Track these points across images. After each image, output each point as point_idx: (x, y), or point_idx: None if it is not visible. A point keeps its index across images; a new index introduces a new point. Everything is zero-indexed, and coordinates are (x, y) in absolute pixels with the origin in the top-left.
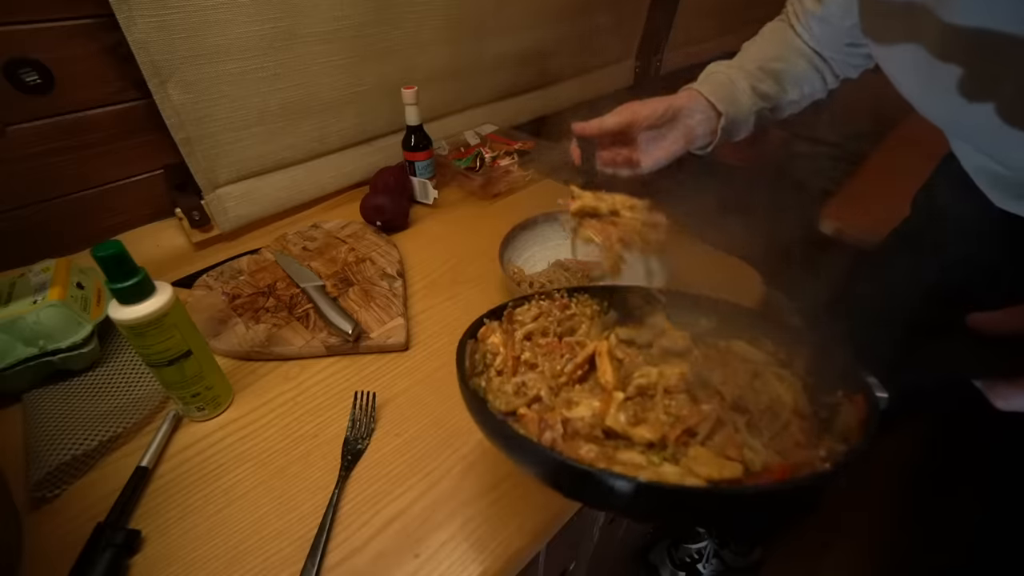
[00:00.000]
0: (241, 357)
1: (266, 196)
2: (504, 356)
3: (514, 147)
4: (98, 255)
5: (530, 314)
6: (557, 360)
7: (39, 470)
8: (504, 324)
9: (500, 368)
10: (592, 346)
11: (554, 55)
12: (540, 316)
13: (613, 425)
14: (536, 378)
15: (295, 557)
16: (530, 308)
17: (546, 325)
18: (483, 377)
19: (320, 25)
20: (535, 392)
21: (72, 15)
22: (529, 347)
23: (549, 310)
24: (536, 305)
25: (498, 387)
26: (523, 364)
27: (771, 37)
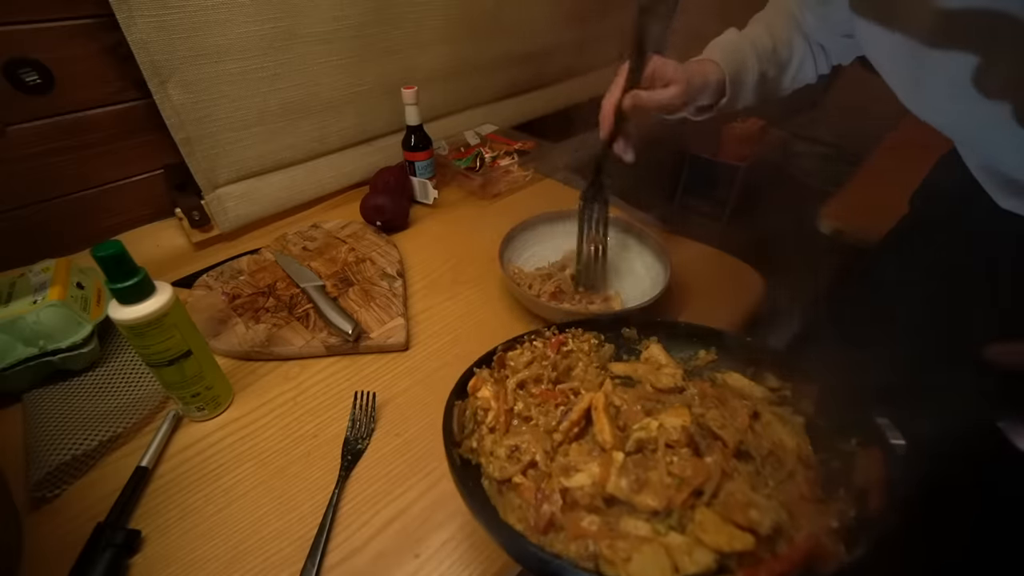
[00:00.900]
0: (241, 357)
1: (266, 196)
2: (496, 411)
3: (514, 147)
4: (98, 255)
5: (523, 359)
6: (552, 411)
7: (39, 470)
8: (495, 371)
9: (492, 425)
10: (587, 399)
11: (554, 55)
12: (534, 361)
13: (615, 493)
14: (530, 440)
15: (295, 557)
16: (522, 352)
17: (540, 372)
18: (474, 437)
19: (320, 25)
20: (530, 457)
21: (72, 15)
22: (522, 396)
23: (543, 353)
24: (530, 348)
25: (491, 449)
26: (516, 417)
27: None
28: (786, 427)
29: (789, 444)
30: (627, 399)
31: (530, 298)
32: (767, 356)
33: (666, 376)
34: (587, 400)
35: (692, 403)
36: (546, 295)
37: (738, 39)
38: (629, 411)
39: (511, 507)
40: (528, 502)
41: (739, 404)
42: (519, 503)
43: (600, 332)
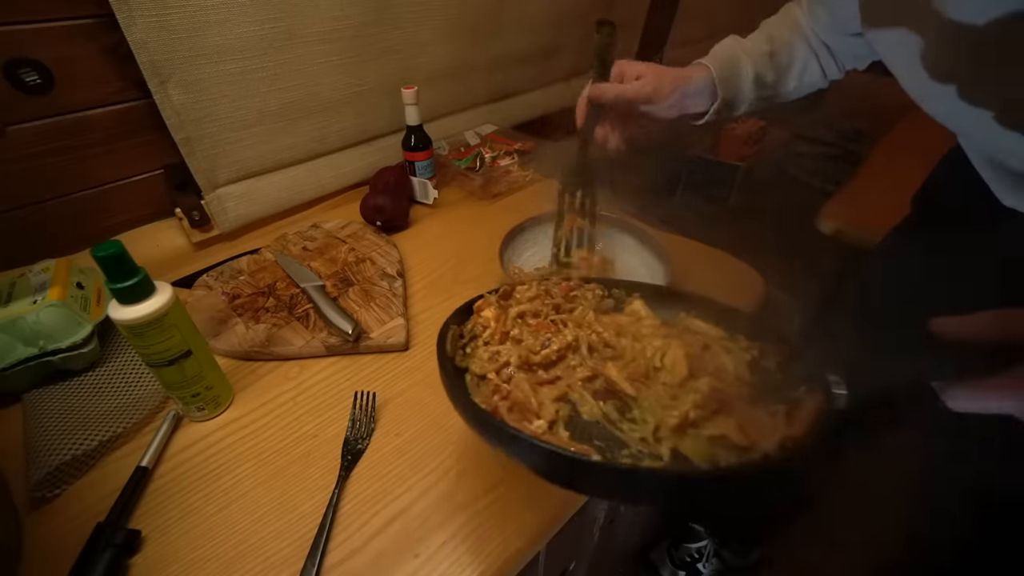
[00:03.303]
0: (241, 357)
1: (266, 196)
2: (493, 330)
3: (514, 147)
4: (98, 255)
5: (528, 294)
6: (541, 335)
7: (39, 470)
8: (500, 300)
9: (488, 339)
10: (572, 335)
11: (554, 55)
12: (537, 298)
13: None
14: (511, 350)
15: (295, 557)
16: (530, 288)
17: (540, 308)
18: (471, 344)
19: (320, 25)
20: (505, 359)
21: (72, 15)
22: (519, 324)
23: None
24: (537, 286)
25: (480, 352)
26: (510, 340)
27: (784, 19)
28: (730, 356)
29: (729, 368)
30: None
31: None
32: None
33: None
34: (572, 336)
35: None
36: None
37: (731, 43)
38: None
39: (480, 394)
40: (490, 393)
41: (693, 338)
42: (486, 392)
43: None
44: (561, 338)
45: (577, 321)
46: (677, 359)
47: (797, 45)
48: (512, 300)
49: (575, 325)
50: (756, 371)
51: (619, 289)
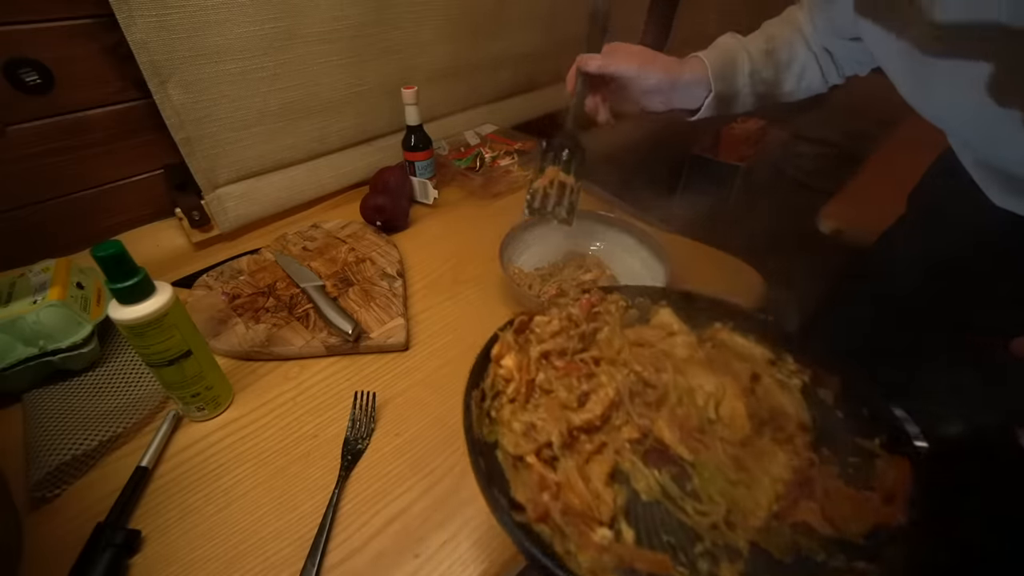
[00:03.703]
0: (241, 357)
1: (266, 196)
2: (518, 383)
3: (514, 147)
4: (98, 255)
5: (550, 328)
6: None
7: (39, 470)
8: (519, 337)
9: (513, 396)
10: (612, 387)
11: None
12: (561, 332)
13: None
14: (547, 418)
15: (295, 557)
16: (550, 319)
17: (566, 345)
18: (495, 404)
19: (320, 25)
20: (545, 438)
21: (72, 15)
22: (545, 367)
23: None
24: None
25: (509, 419)
26: (537, 388)
27: (787, 19)
28: (786, 394)
29: (789, 409)
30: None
31: (530, 298)
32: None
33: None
34: (611, 390)
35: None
36: (546, 295)
37: (729, 38)
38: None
39: (522, 483)
40: (532, 484)
41: (740, 367)
42: (529, 482)
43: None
44: (602, 396)
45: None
46: (736, 413)
47: (797, 46)
48: (531, 334)
49: (607, 362)
50: (814, 406)
51: (643, 298)
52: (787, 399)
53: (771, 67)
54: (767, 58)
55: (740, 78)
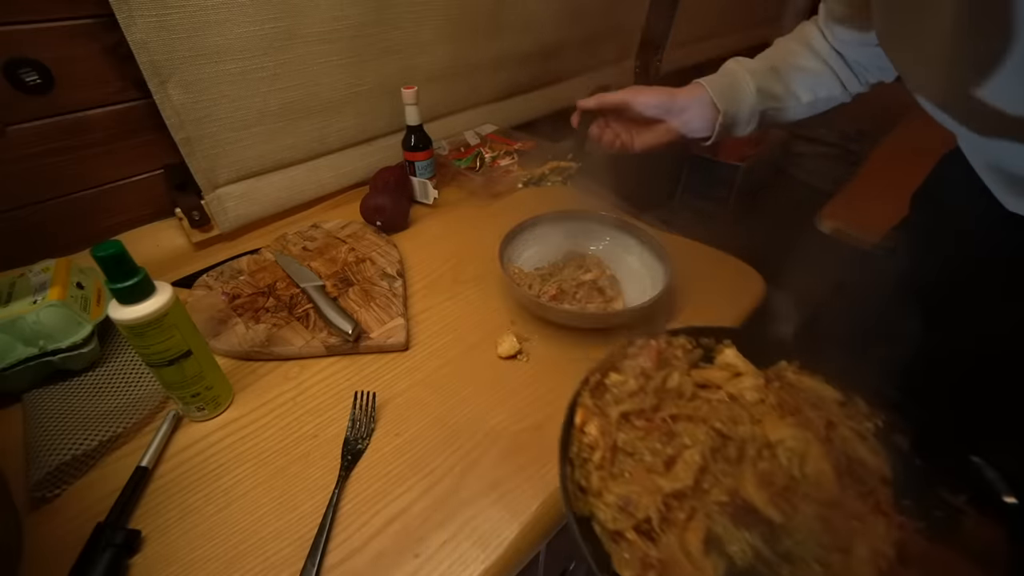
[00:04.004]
0: (241, 357)
1: (266, 196)
2: (603, 449)
3: (514, 147)
4: (98, 255)
5: (627, 388)
6: (657, 448)
7: (39, 470)
8: (592, 393)
9: (600, 463)
10: (697, 452)
11: (554, 55)
12: (639, 392)
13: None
14: (640, 492)
15: (295, 557)
16: (626, 379)
17: (643, 406)
18: (582, 471)
19: (320, 25)
20: (644, 514)
21: (72, 15)
22: (626, 427)
23: (644, 372)
24: (633, 375)
25: (599, 489)
26: (620, 451)
27: (796, 35)
28: (864, 444)
29: (870, 462)
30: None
31: (530, 298)
32: (857, 379)
33: (749, 390)
34: (697, 456)
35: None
36: (546, 295)
37: (731, 62)
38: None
39: (624, 560)
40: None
41: (814, 415)
42: (632, 560)
43: (695, 337)
44: (689, 461)
45: (685, 410)
46: (824, 475)
47: (807, 60)
48: (607, 393)
49: (684, 418)
50: (891, 453)
51: (708, 337)
52: (866, 450)
53: (779, 83)
54: (773, 75)
55: (746, 97)
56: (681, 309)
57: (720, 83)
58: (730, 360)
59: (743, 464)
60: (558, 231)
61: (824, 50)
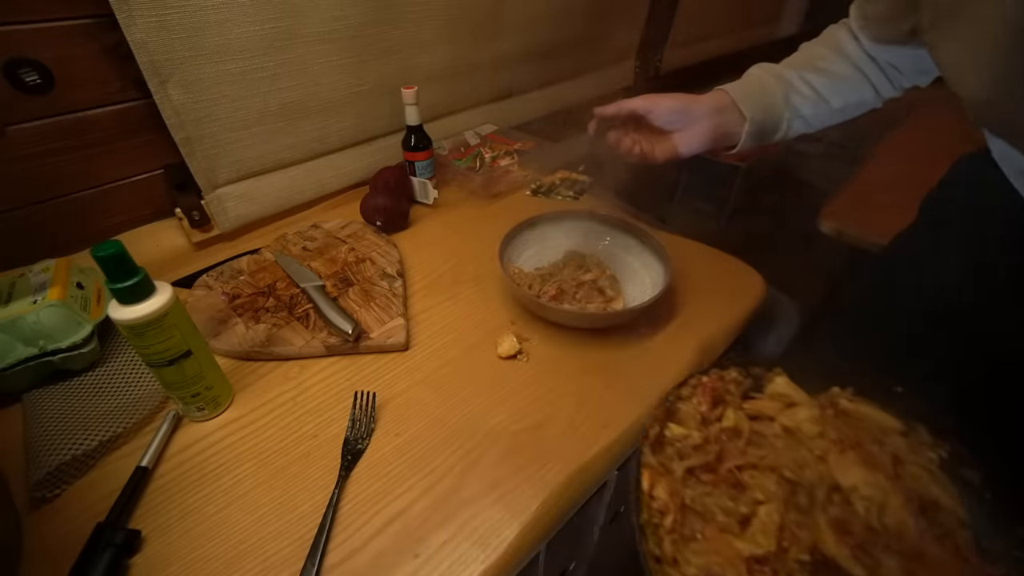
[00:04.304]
0: (241, 357)
1: (266, 196)
2: (675, 512)
3: (514, 147)
4: (98, 255)
5: (691, 441)
6: (730, 505)
7: (39, 470)
8: (653, 447)
9: (672, 527)
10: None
11: (554, 55)
12: (705, 445)
13: None
14: (721, 563)
15: (295, 557)
16: (688, 431)
17: (708, 459)
18: (654, 538)
19: (320, 25)
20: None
21: (72, 15)
22: (692, 483)
23: (707, 420)
24: (696, 427)
25: (672, 553)
26: (689, 510)
27: (825, 40)
28: (936, 482)
29: (944, 502)
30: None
31: (530, 298)
32: (919, 409)
33: (806, 422)
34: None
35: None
36: (546, 296)
37: (755, 68)
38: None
39: None
40: None
41: (878, 451)
42: None
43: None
44: (766, 521)
45: (750, 457)
46: (903, 524)
47: (838, 64)
48: (668, 447)
49: (751, 467)
50: (961, 489)
51: (758, 367)
52: (939, 490)
53: (808, 89)
54: (802, 80)
55: (774, 103)
56: (681, 309)
57: (745, 89)
58: (782, 389)
59: (814, 511)
60: (558, 231)
61: (855, 54)
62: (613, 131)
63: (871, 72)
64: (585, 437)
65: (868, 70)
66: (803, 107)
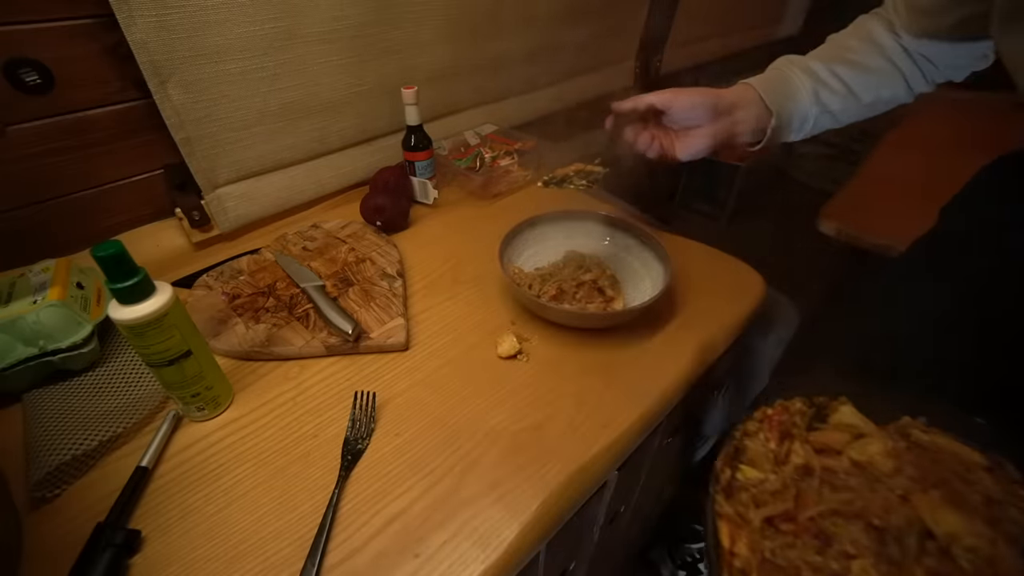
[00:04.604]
0: (241, 357)
1: (266, 196)
2: (757, 573)
3: (514, 147)
4: (98, 255)
5: (768, 487)
6: (816, 559)
7: (39, 470)
8: (732, 503)
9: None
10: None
11: (554, 55)
12: (784, 490)
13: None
14: None
15: (295, 557)
16: (764, 475)
17: (788, 506)
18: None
19: (320, 25)
20: None
21: (72, 15)
22: (770, 533)
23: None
24: (772, 470)
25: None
26: (771, 568)
27: (855, 31)
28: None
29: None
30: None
31: (530, 298)
32: (1005, 441)
33: (879, 456)
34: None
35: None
36: (547, 296)
37: (782, 61)
38: None
39: None
40: None
41: (966, 490)
42: None
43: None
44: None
45: (831, 502)
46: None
47: (870, 57)
48: (742, 492)
49: (832, 512)
50: None
51: (822, 396)
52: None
53: (837, 83)
54: (830, 74)
55: (801, 97)
56: (681, 309)
57: (771, 83)
58: (848, 419)
59: (907, 563)
60: (558, 231)
61: (889, 46)
62: (631, 127)
63: (905, 65)
64: (585, 437)
65: (902, 63)
66: (832, 102)
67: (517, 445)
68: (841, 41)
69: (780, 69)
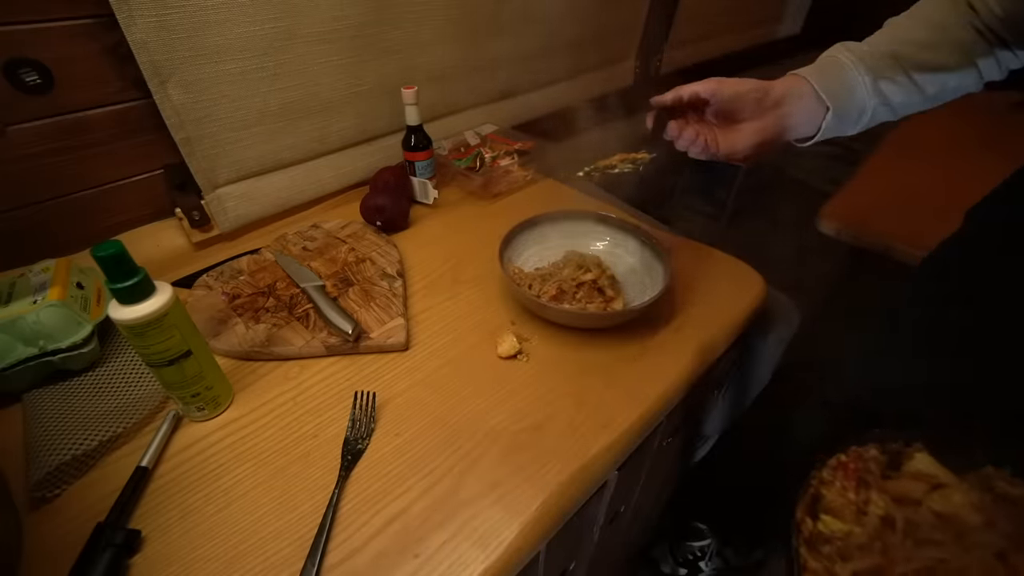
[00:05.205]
0: (241, 357)
1: (266, 196)
2: None
3: (514, 147)
4: (98, 255)
5: (855, 540)
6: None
7: (39, 470)
8: (816, 557)
9: None
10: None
11: (554, 55)
12: (874, 543)
13: None
14: None
15: (295, 557)
16: (851, 529)
17: (877, 560)
18: None
19: (320, 25)
20: None
21: (72, 15)
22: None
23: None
24: (856, 522)
25: None
26: None
27: (918, 12)
28: None
29: None
30: None
31: (530, 298)
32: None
33: (964, 509)
34: None
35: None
36: (547, 296)
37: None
38: None
39: None
40: None
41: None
42: None
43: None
44: None
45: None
46: None
47: (939, 44)
48: (823, 544)
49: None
50: None
51: (895, 443)
52: None
53: (899, 72)
54: (891, 62)
55: (858, 89)
56: (681, 309)
57: (825, 73)
58: (925, 468)
59: None
60: (558, 231)
61: (962, 30)
62: (674, 121)
63: (979, 51)
64: (585, 437)
65: (976, 48)
66: (893, 94)
67: (517, 445)
68: (903, 24)
69: (835, 59)
